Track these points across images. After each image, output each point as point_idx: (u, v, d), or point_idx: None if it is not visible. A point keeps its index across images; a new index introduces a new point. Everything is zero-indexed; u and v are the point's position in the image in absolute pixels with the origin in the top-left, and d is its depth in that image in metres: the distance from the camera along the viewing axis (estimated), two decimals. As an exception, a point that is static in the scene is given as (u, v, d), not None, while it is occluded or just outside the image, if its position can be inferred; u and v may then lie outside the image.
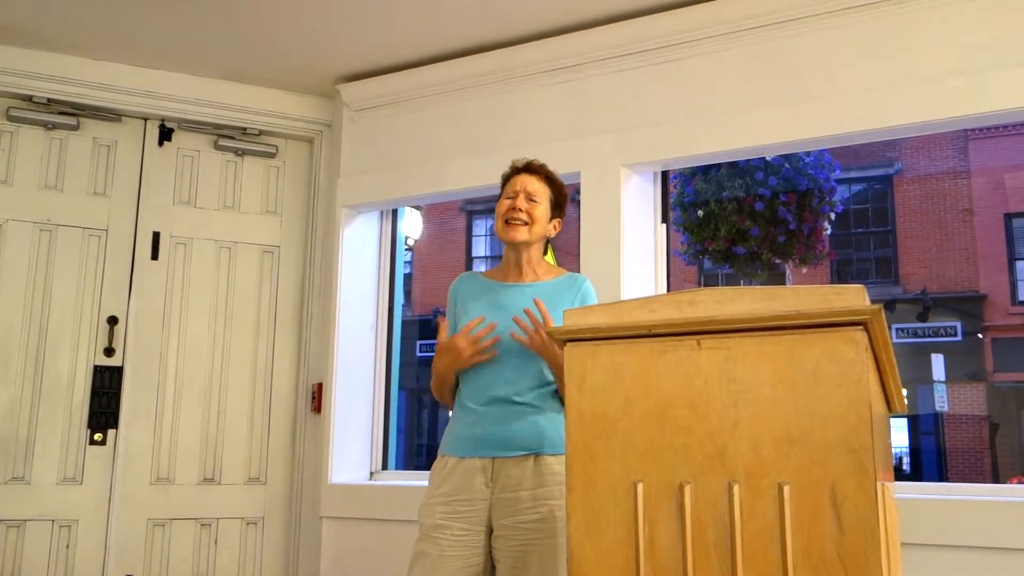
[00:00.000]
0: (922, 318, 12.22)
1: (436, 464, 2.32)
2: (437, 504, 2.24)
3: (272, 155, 4.04)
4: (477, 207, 14.70)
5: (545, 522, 2.14)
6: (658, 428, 1.53)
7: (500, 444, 2.22)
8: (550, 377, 2.26)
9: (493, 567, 2.24)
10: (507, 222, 2.33)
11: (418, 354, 13.31)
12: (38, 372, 3.56)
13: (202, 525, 3.71)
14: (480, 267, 15.03)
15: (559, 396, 2.26)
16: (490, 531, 2.21)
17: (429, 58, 3.65)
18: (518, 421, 2.22)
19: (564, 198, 2.44)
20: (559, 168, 3.35)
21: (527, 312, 2.17)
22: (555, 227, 2.42)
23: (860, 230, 12.90)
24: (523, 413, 2.23)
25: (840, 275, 12.50)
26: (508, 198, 2.36)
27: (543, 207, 2.36)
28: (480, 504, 2.20)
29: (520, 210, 2.32)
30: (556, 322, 2.19)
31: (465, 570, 2.18)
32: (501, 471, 2.20)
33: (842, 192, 4.40)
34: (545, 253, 2.47)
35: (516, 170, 2.42)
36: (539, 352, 2.19)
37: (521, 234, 2.32)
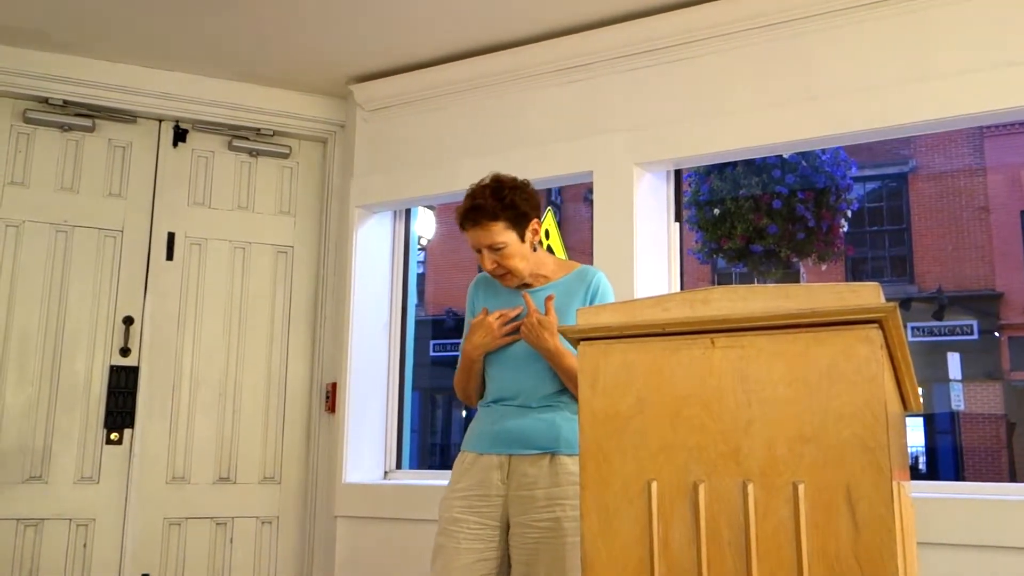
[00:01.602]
0: (938, 316, 12.14)
1: (458, 459, 2.36)
2: (455, 498, 2.27)
3: (286, 156, 4.05)
4: (490, 207, 14.67)
5: (558, 521, 2.15)
6: (671, 427, 1.53)
7: (517, 442, 2.24)
8: None
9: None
10: (497, 277, 2.32)
11: (431, 354, 13.32)
12: (55, 372, 3.58)
13: (217, 524, 3.72)
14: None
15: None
16: (507, 527, 2.23)
17: (441, 58, 3.66)
18: (536, 420, 2.25)
19: (519, 209, 2.26)
20: (571, 167, 3.38)
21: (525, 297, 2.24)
22: (534, 232, 2.32)
23: (875, 228, 12.83)
24: (541, 413, 2.26)
25: (855, 273, 12.43)
26: (477, 252, 2.28)
27: (511, 245, 2.25)
28: (496, 500, 2.23)
29: (494, 266, 2.27)
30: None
31: (480, 563, 2.20)
32: (516, 469, 2.23)
33: (857, 190, 4.39)
34: (546, 240, 2.44)
35: (461, 226, 2.28)
36: (525, 339, 2.24)
37: (511, 282, 2.32)
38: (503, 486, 2.23)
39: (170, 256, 3.81)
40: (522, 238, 2.28)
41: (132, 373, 3.67)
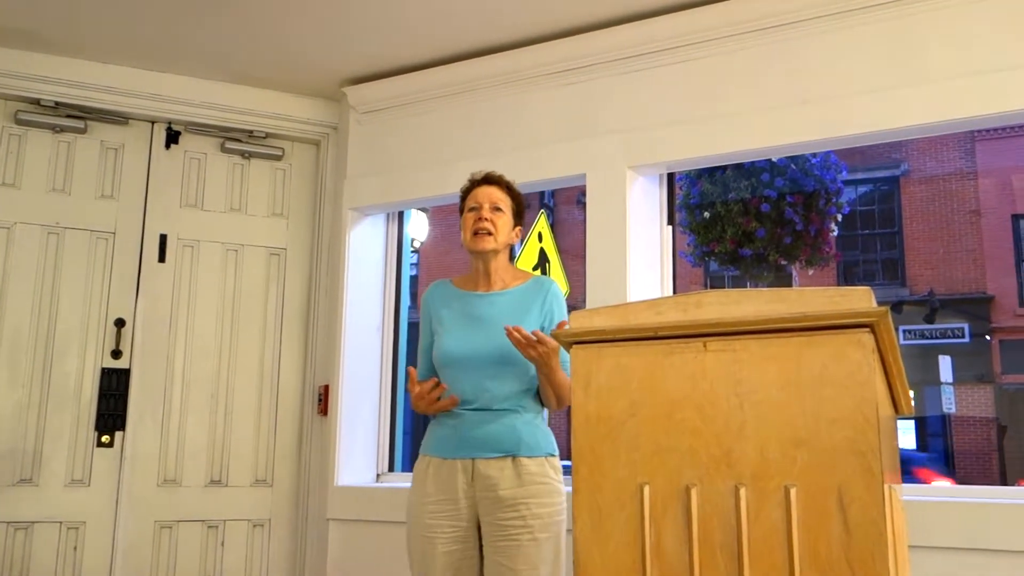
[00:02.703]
0: (929, 320, 12.18)
1: (419, 463, 2.45)
2: (426, 504, 2.37)
3: (279, 158, 4.04)
4: (483, 209, 14.65)
5: (524, 519, 2.26)
6: (664, 430, 1.53)
7: (479, 445, 2.34)
8: (525, 383, 2.39)
9: None
10: (475, 233, 2.43)
11: (424, 356, 13.23)
12: (46, 374, 3.57)
13: (209, 527, 3.71)
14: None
15: (538, 399, 2.42)
16: (479, 525, 2.34)
17: (435, 60, 3.66)
18: (496, 424, 2.34)
19: (523, 207, 2.56)
20: (564, 170, 3.39)
21: (517, 330, 2.25)
22: (517, 234, 2.53)
23: (867, 231, 12.88)
24: (501, 416, 2.36)
25: (847, 277, 12.48)
26: (472, 210, 2.47)
27: (506, 216, 2.47)
28: (464, 502, 2.33)
29: (486, 219, 2.43)
30: (527, 323, 2.35)
31: (457, 563, 2.32)
32: (481, 471, 2.32)
33: (848, 193, 4.41)
34: (512, 260, 2.61)
35: (476, 183, 2.52)
36: (539, 362, 2.29)
37: (489, 243, 2.43)
38: (469, 488, 2.33)
39: (162, 258, 3.80)
40: (512, 226, 2.51)
41: (124, 375, 3.66)
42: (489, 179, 2.51)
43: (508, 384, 2.37)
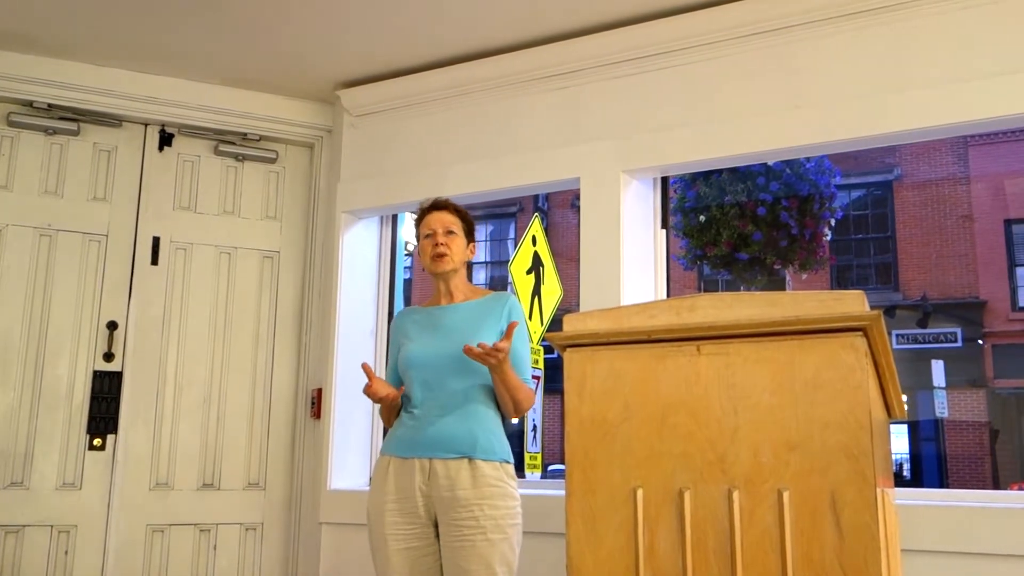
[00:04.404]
0: (922, 324, 12.22)
1: (379, 463, 2.55)
2: (385, 502, 2.46)
3: (272, 160, 4.04)
4: (476, 213, 14.69)
5: (478, 520, 2.35)
6: (658, 434, 1.53)
7: (437, 446, 2.43)
8: (484, 387, 2.49)
9: None
10: (433, 257, 2.62)
11: (418, 359, 13.19)
12: (37, 377, 3.56)
13: (201, 531, 3.70)
14: (479, 272, 15.23)
15: (497, 406, 2.52)
16: (436, 525, 2.43)
17: (429, 64, 3.66)
18: (452, 426, 2.44)
19: (472, 226, 2.76)
20: (558, 174, 3.39)
21: (480, 346, 2.35)
22: (471, 251, 2.72)
23: (860, 236, 12.91)
24: (457, 419, 2.45)
25: (840, 281, 12.51)
26: (427, 236, 2.65)
27: (459, 237, 2.66)
28: (421, 500, 2.42)
29: (441, 243, 2.61)
30: (485, 336, 2.48)
31: (418, 560, 2.42)
32: (438, 471, 2.41)
33: (842, 198, 4.42)
34: (469, 276, 2.77)
35: (426, 210, 2.70)
36: (496, 368, 2.39)
37: (447, 264, 2.62)
38: (426, 487, 2.42)
39: (155, 261, 3.79)
40: (465, 245, 2.69)
41: (116, 378, 3.64)
42: (437, 205, 2.70)
43: (467, 386, 2.47)
